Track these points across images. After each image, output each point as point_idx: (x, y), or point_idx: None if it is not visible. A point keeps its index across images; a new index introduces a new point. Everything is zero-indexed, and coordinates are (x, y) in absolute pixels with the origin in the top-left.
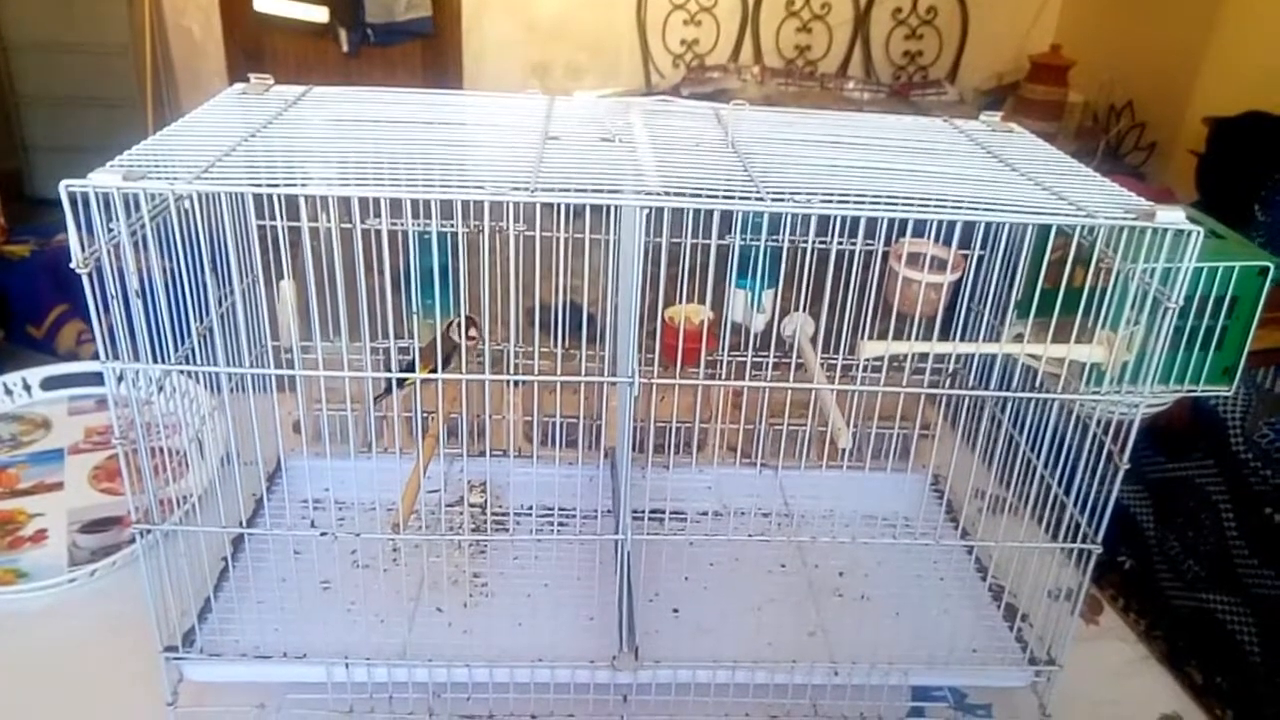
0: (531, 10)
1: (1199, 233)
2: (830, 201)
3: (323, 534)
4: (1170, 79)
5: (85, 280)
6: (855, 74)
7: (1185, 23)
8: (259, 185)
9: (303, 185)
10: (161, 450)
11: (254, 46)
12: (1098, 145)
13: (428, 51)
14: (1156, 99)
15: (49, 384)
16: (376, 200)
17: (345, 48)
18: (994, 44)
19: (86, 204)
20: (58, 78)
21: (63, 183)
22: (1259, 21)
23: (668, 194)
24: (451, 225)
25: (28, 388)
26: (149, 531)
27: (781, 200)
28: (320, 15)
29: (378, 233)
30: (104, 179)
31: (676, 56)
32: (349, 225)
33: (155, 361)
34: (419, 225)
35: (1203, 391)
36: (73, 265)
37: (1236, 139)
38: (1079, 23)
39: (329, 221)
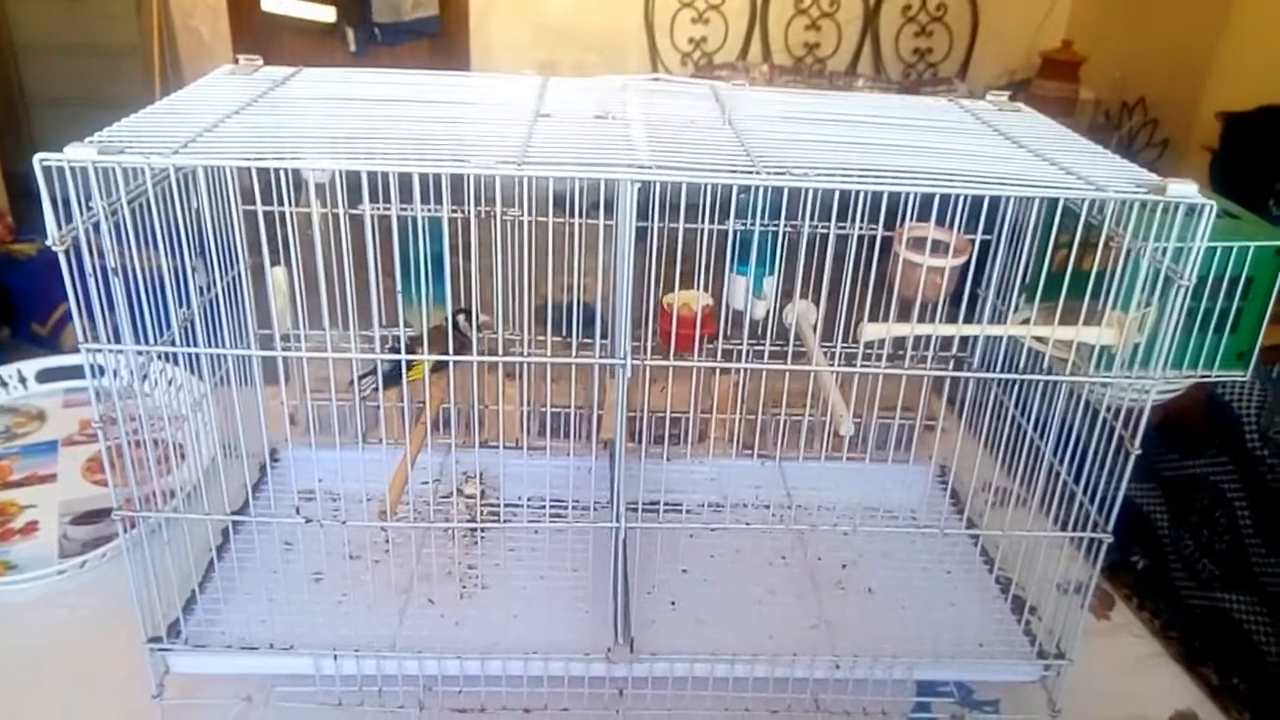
0: (538, 9)
1: (1211, 206)
2: (830, 177)
3: (308, 521)
4: (1183, 75)
5: (62, 259)
6: (865, 71)
7: (1197, 18)
8: (239, 159)
9: (276, 159)
10: (150, 442)
11: (262, 47)
12: (1110, 142)
13: (435, 51)
14: (1169, 95)
15: (45, 376)
16: (370, 184)
17: (352, 47)
18: (1004, 40)
19: (70, 183)
20: (66, 79)
21: (37, 156)
22: (1272, 15)
23: (660, 168)
24: (439, 210)
25: (23, 380)
26: (133, 521)
27: (780, 175)
28: (327, 15)
29: (369, 217)
30: (79, 153)
31: (685, 55)
32: (337, 211)
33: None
34: (407, 210)
35: (1217, 376)
36: (48, 242)
37: (1250, 134)
38: (1090, 19)
39: (318, 205)
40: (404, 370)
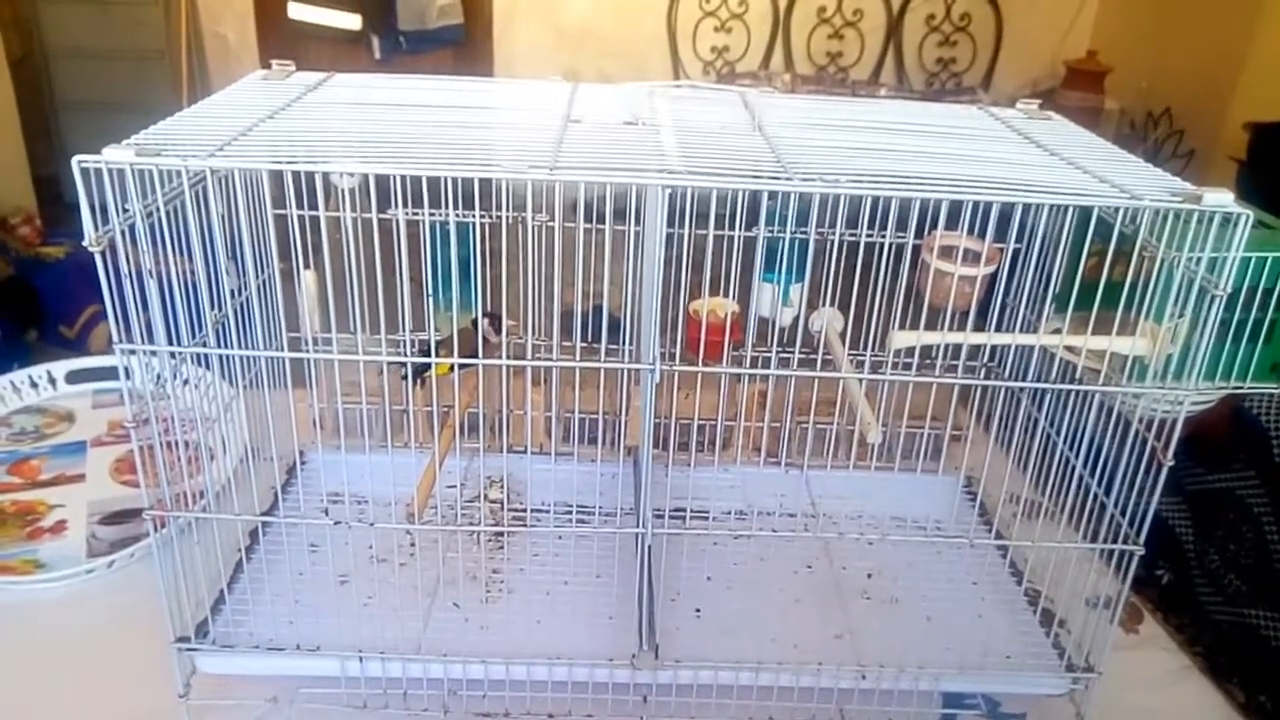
0: (561, 17)
1: (1248, 216)
2: (861, 182)
3: (336, 523)
4: (1209, 85)
5: (98, 259)
6: (887, 81)
7: (1224, 27)
8: (274, 162)
9: (309, 162)
10: (181, 444)
11: (288, 54)
12: (1135, 153)
13: (459, 59)
14: (1195, 105)
15: (74, 378)
16: (400, 189)
17: (377, 55)
18: (1029, 50)
19: (106, 185)
20: (95, 84)
21: (75, 158)
22: None
23: (692, 174)
24: (471, 215)
25: (52, 381)
26: (163, 520)
27: (810, 181)
28: (353, 23)
29: (398, 222)
30: (117, 154)
31: (707, 64)
32: (369, 216)
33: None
34: (439, 216)
35: (1250, 388)
36: (84, 243)
37: (1278, 145)
38: (1116, 28)
39: (351, 210)
40: (433, 370)
